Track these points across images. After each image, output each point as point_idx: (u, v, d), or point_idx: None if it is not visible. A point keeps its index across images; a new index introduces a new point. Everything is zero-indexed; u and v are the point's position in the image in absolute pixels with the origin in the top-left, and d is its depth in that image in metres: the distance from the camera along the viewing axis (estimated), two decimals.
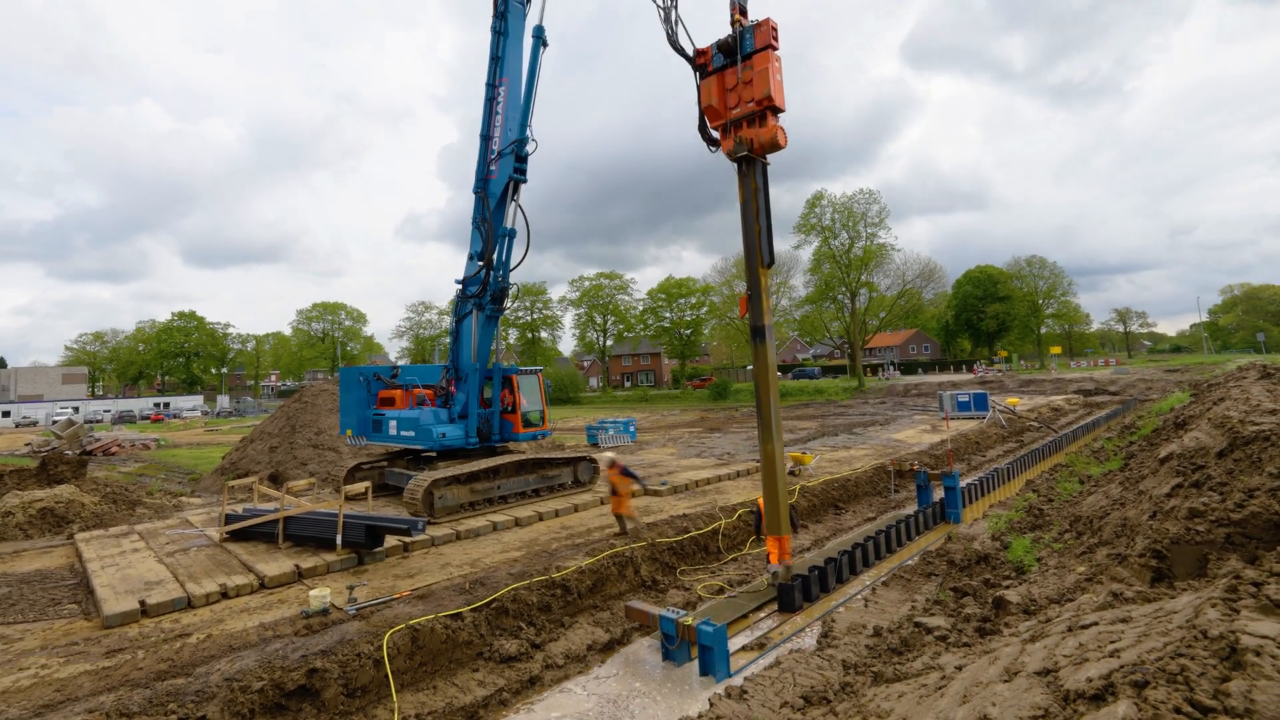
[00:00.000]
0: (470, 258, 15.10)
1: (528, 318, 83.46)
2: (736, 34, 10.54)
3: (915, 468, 16.18)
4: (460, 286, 15.16)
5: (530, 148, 14.57)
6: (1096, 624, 4.27)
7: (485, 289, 14.62)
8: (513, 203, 14.78)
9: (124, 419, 71.48)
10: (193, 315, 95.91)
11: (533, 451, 19.85)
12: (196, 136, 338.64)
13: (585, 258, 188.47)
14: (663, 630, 8.49)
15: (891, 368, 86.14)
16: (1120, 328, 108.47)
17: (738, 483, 17.18)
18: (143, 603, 8.85)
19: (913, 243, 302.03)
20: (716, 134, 11.15)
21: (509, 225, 14.73)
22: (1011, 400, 34.02)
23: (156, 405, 79.91)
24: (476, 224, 14.96)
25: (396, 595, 9.14)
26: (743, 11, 10.76)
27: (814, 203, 61.24)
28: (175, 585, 9.60)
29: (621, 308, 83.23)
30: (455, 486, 13.65)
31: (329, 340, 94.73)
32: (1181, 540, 6.02)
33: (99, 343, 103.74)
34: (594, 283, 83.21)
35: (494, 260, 14.56)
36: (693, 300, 77.10)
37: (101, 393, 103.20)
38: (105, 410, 76.07)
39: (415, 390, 15.90)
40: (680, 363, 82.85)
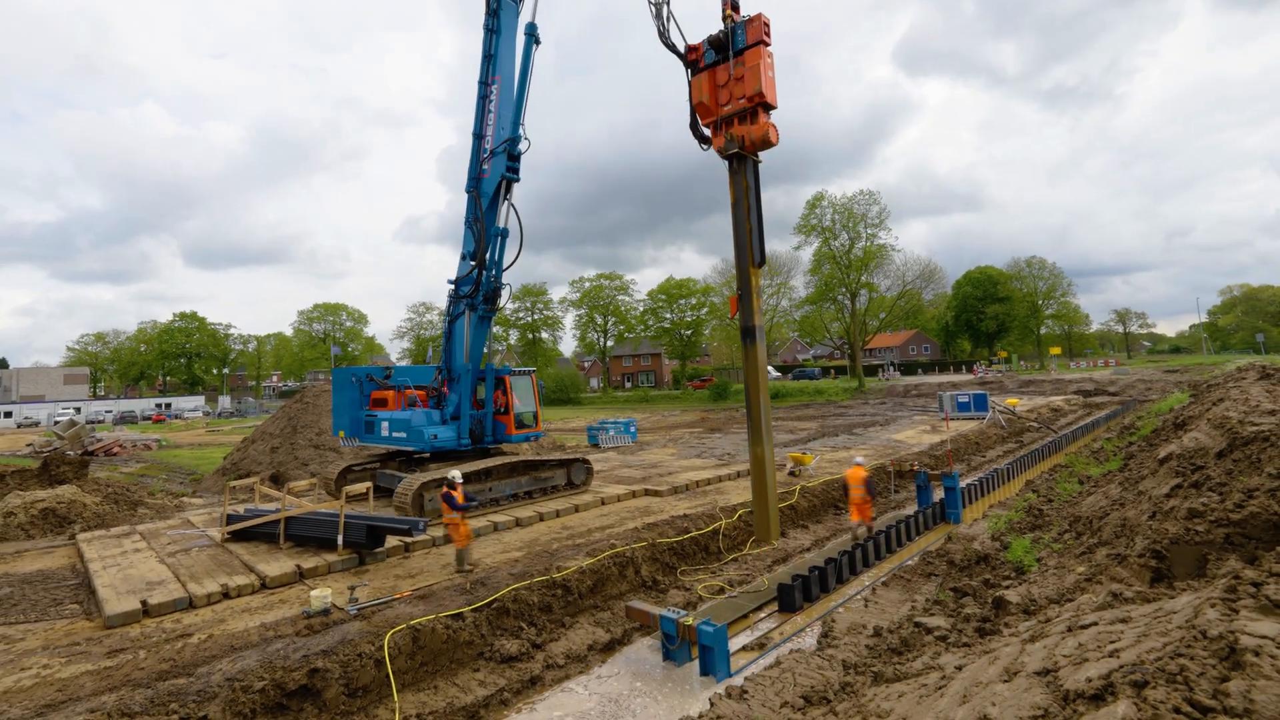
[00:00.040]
0: (463, 257, 15.08)
1: (528, 318, 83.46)
2: (728, 29, 10.53)
3: (915, 468, 16.19)
4: (453, 286, 15.14)
5: (523, 146, 14.58)
6: (1096, 624, 4.28)
7: (478, 289, 14.58)
8: (505, 202, 14.74)
9: (125, 419, 71.55)
10: (194, 316, 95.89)
11: (529, 453, 19.84)
12: (199, 139, 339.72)
13: (583, 259, 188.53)
14: (663, 630, 8.50)
15: (891, 368, 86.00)
16: (1120, 328, 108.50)
17: (738, 483, 17.20)
18: (144, 603, 8.87)
19: (909, 244, 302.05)
20: (708, 131, 11.12)
21: (502, 225, 14.71)
22: (1011, 401, 33.99)
23: (158, 406, 79.88)
24: (469, 223, 14.93)
25: (397, 595, 9.16)
26: (735, 7, 10.75)
27: (814, 204, 61.32)
28: (177, 585, 9.62)
29: (622, 308, 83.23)
30: None
31: (329, 340, 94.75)
32: (1181, 540, 6.03)
33: (101, 343, 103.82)
34: (594, 283, 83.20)
35: (486, 260, 14.49)
36: (693, 301, 77.18)
37: (103, 393, 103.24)
38: (107, 411, 76.11)
39: (407, 391, 15.85)
40: (681, 363, 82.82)
